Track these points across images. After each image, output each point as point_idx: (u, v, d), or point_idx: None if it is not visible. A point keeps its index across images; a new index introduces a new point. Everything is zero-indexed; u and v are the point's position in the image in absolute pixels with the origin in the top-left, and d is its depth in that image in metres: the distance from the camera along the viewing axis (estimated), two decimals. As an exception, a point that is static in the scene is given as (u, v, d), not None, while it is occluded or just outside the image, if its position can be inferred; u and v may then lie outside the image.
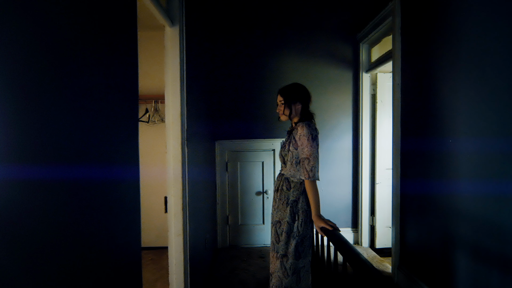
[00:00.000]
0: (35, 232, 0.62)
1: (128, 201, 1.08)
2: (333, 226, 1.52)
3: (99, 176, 0.88)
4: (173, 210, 1.86)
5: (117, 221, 0.98)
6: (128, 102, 1.10)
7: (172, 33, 1.92)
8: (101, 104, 0.89)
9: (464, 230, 1.67)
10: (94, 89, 0.85)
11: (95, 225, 0.85)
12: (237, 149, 3.29)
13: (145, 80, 3.27)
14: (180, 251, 1.84)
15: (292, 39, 3.31)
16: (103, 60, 0.91)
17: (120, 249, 1.01)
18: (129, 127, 1.10)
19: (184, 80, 1.93)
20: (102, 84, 0.90)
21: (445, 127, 1.85)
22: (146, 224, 3.22)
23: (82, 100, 0.79)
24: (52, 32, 0.68)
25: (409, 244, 2.25)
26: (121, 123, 1.04)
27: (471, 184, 1.62)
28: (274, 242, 1.71)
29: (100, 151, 0.88)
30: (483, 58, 1.54)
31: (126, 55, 1.08)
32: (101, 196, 0.88)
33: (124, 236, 1.04)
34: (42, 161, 0.64)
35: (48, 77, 0.66)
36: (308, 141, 1.61)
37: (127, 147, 1.08)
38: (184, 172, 1.88)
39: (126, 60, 1.08)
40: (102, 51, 0.90)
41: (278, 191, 1.76)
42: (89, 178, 0.82)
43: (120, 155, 1.03)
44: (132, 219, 1.12)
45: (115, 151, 0.98)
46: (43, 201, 0.64)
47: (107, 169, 0.93)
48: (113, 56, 0.97)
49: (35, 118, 0.62)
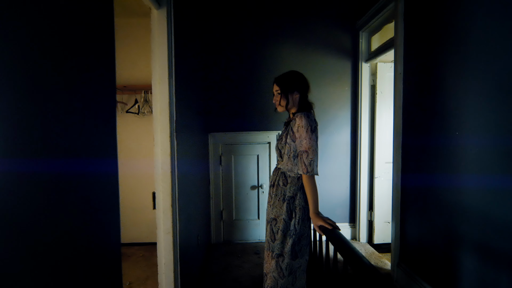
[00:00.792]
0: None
1: (105, 195, 0.99)
2: (333, 224, 1.42)
3: (69, 169, 0.79)
4: (161, 206, 1.74)
5: (91, 216, 0.89)
6: (103, 92, 0.98)
7: (159, 15, 1.78)
8: (71, 94, 0.79)
9: (470, 227, 1.58)
10: (62, 78, 0.75)
11: (66, 220, 0.77)
12: (231, 142, 3.16)
13: (134, 70, 3.11)
14: (169, 250, 1.73)
15: (288, 27, 3.17)
16: (70, 45, 0.79)
17: (96, 245, 0.93)
18: (104, 118, 0.99)
19: (173, 66, 1.79)
20: (72, 73, 0.80)
21: (451, 119, 1.74)
22: (137, 219, 3.10)
23: (48, 90, 0.70)
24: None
25: (410, 240, 2.17)
26: (95, 114, 0.92)
27: (479, 179, 1.52)
28: (269, 241, 1.60)
29: (71, 144, 0.79)
30: (496, 49, 1.43)
31: (99, 40, 0.96)
32: (73, 190, 0.80)
33: (100, 232, 0.96)
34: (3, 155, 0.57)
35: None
36: (307, 132, 1.49)
37: (102, 139, 0.97)
38: (173, 166, 1.76)
39: (99, 46, 0.96)
40: (70, 37, 0.78)
41: (274, 186, 1.64)
42: (58, 172, 0.74)
43: (95, 148, 0.92)
44: (110, 213, 1.02)
45: (88, 144, 0.88)
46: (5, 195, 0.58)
47: (80, 163, 0.84)
48: (82, 42, 0.84)
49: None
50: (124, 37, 3.11)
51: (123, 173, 3.16)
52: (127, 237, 3.15)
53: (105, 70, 1.00)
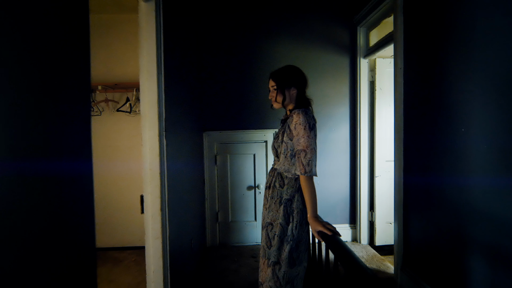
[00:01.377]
0: None
1: (76, 198, 0.89)
2: (333, 230, 1.31)
3: (36, 170, 0.71)
4: (150, 210, 1.63)
5: (60, 218, 0.81)
6: (74, 92, 0.87)
7: (147, 8, 1.68)
8: (40, 94, 0.71)
9: (480, 229, 1.49)
10: (27, 75, 0.67)
11: (32, 222, 0.70)
12: (227, 141, 3.05)
13: (126, 67, 3.00)
14: (158, 257, 1.63)
15: (285, 22, 3.07)
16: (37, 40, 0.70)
17: (66, 249, 0.84)
18: (76, 118, 0.88)
19: (162, 61, 1.68)
20: (40, 72, 0.72)
21: (457, 115, 1.65)
22: (129, 222, 3.00)
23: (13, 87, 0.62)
24: None
25: (414, 242, 2.07)
26: (64, 114, 0.82)
27: (489, 179, 1.42)
28: (265, 247, 1.49)
29: (37, 144, 0.72)
30: (504, 39, 1.33)
31: (69, 34, 0.85)
32: (40, 191, 0.72)
33: (71, 234, 0.86)
34: None
35: None
36: (305, 130, 1.38)
37: (74, 140, 0.87)
38: (163, 166, 1.65)
39: (68, 42, 0.86)
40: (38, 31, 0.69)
41: (270, 188, 1.53)
42: (23, 173, 0.67)
43: (65, 148, 0.82)
44: (82, 216, 0.93)
45: (57, 145, 0.79)
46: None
47: (48, 164, 0.75)
48: (50, 36, 0.74)
49: None
50: (116, 33, 3.00)
51: (114, 174, 3.06)
52: (119, 241, 3.04)
53: (77, 69, 0.90)
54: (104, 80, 2.99)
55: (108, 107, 3.00)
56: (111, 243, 3.04)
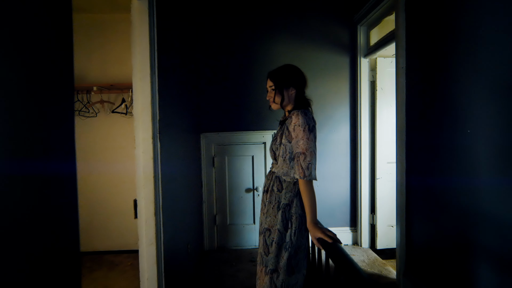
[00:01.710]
0: None
1: (58, 201, 0.83)
2: (333, 237, 1.25)
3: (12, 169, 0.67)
4: (144, 215, 1.57)
5: (38, 221, 0.75)
6: (54, 88, 0.82)
7: (140, 6, 1.63)
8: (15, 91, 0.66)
9: (488, 234, 1.42)
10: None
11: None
12: (225, 142, 2.99)
13: (122, 68, 2.95)
14: (153, 263, 1.57)
15: (283, 21, 3.01)
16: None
17: (47, 252, 0.78)
18: (58, 118, 0.83)
19: (155, 61, 1.63)
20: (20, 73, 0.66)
21: (462, 115, 1.59)
22: (126, 225, 2.94)
23: None
24: None
25: (417, 246, 2.01)
26: (45, 113, 0.77)
27: (497, 181, 1.36)
28: (262, 254, 1.43)
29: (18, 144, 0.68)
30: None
31: (50, 34, 0.80)
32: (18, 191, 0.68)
33: (52, 236, 0.81)
34: None
35: None
36: (304, 132, 1.32)
37: (56, 141, 0.81)
38: (157, 170, 1.60)
39: (51, 41, 0.81)
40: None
41: (268, 192, 1.47)
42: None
43: (46, 148, 0.78)
44: (64, 220, 0.86)
45: (37, 146, 0.74)
46: None
47: (27, 163, 0.71)
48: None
49: None
50: (112, 33, 2.94)
51: (110, 176, 3.00)
52: (116, 244, 2.98)
53: (59, 69, 0.84)
54: (99, 81, 2.93)
55: (103, 108, 2.94)
56: (107, 247, 2.98)
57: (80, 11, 2.85)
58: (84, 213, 2.97)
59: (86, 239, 2.95)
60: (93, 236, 2.97)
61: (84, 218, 2.96)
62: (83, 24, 2.90)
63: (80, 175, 2.71)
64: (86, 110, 2.90)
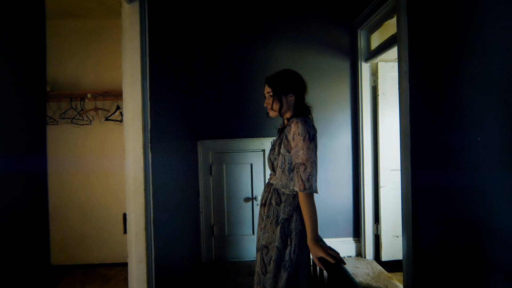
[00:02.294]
0: None
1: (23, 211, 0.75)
2: (336, 256, 1.14)
3: None
4: (133, 230, 1.48)
5: None
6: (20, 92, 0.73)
7: (131, 10, 1.56)
8: None
9: (504, 246, 1.32)
10: None
11: None
12: (222, 150, 2.90)
13: (115, 74, 2.87)
14: (143, 282, 1.46)
15: (282, 25, 2.95)
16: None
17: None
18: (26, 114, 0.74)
19: (147, 66, 1.55)
20: None
21: (470, 120, 1.49)
22: (119, 237, 2.82)
23: None
24: None
25: (426, 259, 1.90)
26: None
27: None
28: (259, 273, 1.32)
29: None
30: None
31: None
32: None
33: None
34: None
35: None
36: (304, 141, 1.23)
37: (23, 146, 0.72)
38: (148, 181, 1.51)
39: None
40: None
41: (266, 205, 1.37)
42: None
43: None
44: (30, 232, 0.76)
45: None
46: None
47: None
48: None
49: None
50: (106, 39, 2.87)
51: (104, 186, 2.90)
52: (109, 257, 2.87)
53: (27, 72, 0.76)
54: (94, 87, 2.85)
55: (98, 116, 2.86)
56: (101, 259, 2.87)
57: (74, 17, 2.79)
58: (77, 224, 2.86)
59: (79, 251, 2.84)
60: (86, 248, 2.86)
61: (77, 229, 2.86)
62: (77, 30, 2.84)
63: (73, 184, 2.60)
64: (80, 117, 2.82)
